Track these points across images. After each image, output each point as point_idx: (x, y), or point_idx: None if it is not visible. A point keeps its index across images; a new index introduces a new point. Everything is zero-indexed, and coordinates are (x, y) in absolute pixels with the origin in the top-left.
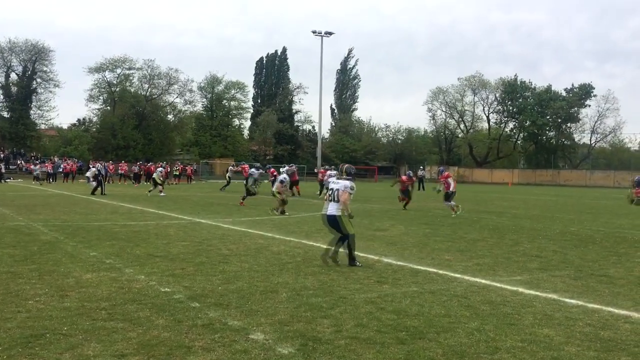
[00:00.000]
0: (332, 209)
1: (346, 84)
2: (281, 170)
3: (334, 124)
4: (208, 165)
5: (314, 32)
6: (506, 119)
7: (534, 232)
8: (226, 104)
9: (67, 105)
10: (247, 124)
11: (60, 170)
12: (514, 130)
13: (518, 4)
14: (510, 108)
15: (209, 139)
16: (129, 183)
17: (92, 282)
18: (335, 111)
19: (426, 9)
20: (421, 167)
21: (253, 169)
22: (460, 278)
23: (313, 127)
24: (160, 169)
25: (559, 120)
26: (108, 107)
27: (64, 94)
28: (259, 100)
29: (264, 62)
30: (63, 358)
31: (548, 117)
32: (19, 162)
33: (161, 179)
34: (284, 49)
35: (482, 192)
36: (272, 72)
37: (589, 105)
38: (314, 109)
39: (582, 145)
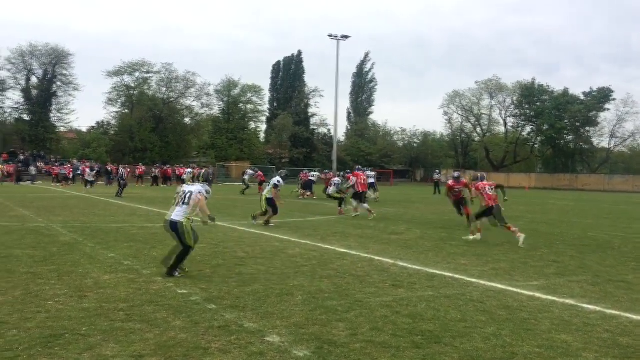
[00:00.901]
0: (177, 214)
1: (362, 88)
2: (313, 174)
3: (349, 128)
4: (224, 168)
5: (330, 35)
6: (523, 122)
7: (551, 237)
8: (242, 107)
9: (86, 108)
10: (263, 127)
11: (79, 172)
12: (532, 134)
13: (534, 8)
14: (528, 112)
15: (225, 142)
16: (146, 185)
17: (110, 283)
18: (352, 114)
19: (440, 12)
20: (437, 170)
21: (337, 178)
22: (477, 283)
23: (329, 130)
24: (190, 170)
25: (577, 124)
26: (126, 110)
27: (81, 97)
28: (275, 104)
29: (281, 65)
30: (82, 358)
31: (566, 121)
32: (37, 165)
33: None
34: (300, 53)
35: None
36: (288, 76)
37: (608, 109)
38: (329, 112)
39: (601, 149)
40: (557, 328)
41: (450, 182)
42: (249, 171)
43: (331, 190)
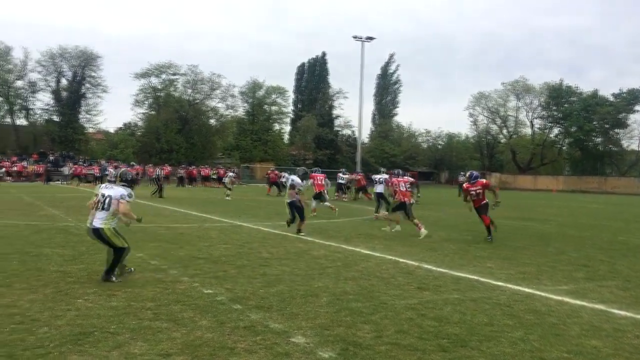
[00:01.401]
0: (98, 220)
1: (386, 89)
2: (376, 176)
3: (374, 129)
4: (249, 169)
5: (355, 37)
6: (551, 124)
7: (580, 241)
8: (267, 108)
9: (113, 109)
10: (287, 128)
11: (107, 173)
12: (559, 136)
13: (563, 8)
14: (555, 113)
15: (249, 143)
16: (172, 185)
17: (138, 283)
18: (376, 116)
19: (468, 14)
20: (462, 172)
21: (383, 175)
22: (503, 286)
23: (353, 132)
24: (232, 174)
25: (607, 126)
26: (153, 112)
27: (109, 98)
28: (299, 105)
29: (305, 67)
30: (111, 356)
31: (595, 123)
32: (68, 165)
33: (232, 184)
34: (324, 54)
35: (525, 198)
36: (313, 77)
37: (638, 111)
38: (354, 114)
39: (630, 151)
40: (586, 333)
41: (465, 184)
42: (287, 175)
43: (380, 188)
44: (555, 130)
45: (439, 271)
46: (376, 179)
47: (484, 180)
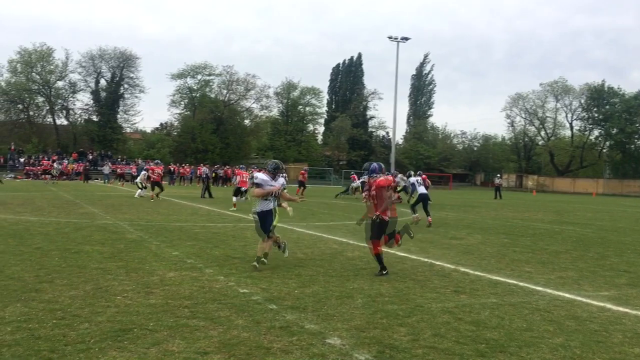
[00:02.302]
0: None
1: (421, 90)
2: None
3: (408, 130)
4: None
5: (389, 37)
6: (591, 126)
7: (622, 246)
8: (301, 109)
9: (150, 109)
10: (322, 129)
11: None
12: (600, 138)
13: (602, 8)
14: (596, 115)
15: (283, 143)
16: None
17: (175, 281)
18: (411, 117)
19: (503, 14)
20: (498, 175)
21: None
22: (543, 291)
23: (387, 133)
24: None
25: None
26: (188, 112)
27: (146, 99)
28: (334, 106)
29: (340, 68)
30: (149, 353)
31: (637, 125)
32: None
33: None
34: (359, 55)
35: (563, 202)
36: (348, 78)
37: None
38: (388, 114)
39: None
40: (630, 341)
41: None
42: (357, 181)
43: (423, 189)
44: (596, 132)
45: (475, 274)
46: (418, 181)
47: (381, 178)
